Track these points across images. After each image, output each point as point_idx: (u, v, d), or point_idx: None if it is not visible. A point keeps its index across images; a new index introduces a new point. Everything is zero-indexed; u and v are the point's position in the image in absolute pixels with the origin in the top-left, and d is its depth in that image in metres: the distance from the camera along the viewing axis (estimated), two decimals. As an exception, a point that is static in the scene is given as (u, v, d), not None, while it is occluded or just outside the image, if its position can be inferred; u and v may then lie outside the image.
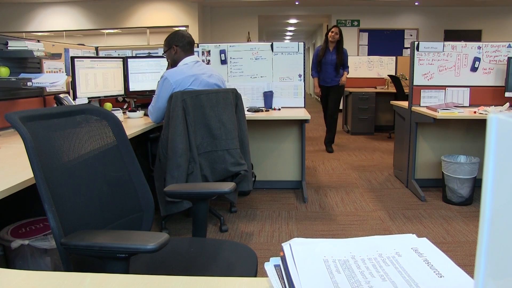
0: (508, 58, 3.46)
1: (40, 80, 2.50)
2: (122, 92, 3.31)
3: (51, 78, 2.60)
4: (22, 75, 2.52)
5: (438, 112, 3.18)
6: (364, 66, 7.16)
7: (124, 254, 0.94)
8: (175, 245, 1.36)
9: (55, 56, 2.76)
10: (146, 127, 2.65)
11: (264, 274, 0.67)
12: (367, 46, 10.11)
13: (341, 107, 8.63)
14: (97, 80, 3.05)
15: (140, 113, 3.10)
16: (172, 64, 2.71)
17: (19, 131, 1.01)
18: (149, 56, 3.75)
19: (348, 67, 5.29)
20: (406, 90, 5.45)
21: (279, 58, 3.80)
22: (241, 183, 2.64)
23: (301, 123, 3.58)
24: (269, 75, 3.81)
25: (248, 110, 3.39)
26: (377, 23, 10.01)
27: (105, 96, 3.15)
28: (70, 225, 1.08)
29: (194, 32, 8.88)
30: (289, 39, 18.36)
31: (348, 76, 5.30)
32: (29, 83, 2.37)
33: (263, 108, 3.63)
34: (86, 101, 2.90)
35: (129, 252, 0.95)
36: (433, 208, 3.28)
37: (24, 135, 1.00)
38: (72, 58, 2.88)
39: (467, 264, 2.35)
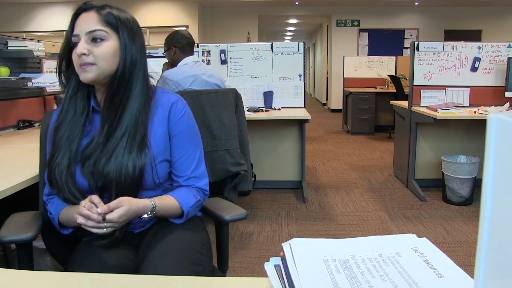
0: (508, 58, 3.45)
1: (40, 80, 2.50)
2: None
3: (51, 78, 2.60)
4: (22, 75, 2.52)
5: (438, 112, 3.18)
6: (364, 66, 7.15)
7: None
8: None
9: (55, 56, 2.76)
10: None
11: (264, 274, 0.67)
12: (367, 46, 10.09)
13: (340, 107, 7.90)
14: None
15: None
16: (172, 64, 2.71)
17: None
18: (149, 56, 3.75)
19: None
20: (406, 90, 5.45)
21: (279, 58, 3.80)
22: (241, 183, 2.63)
23: (301, 123, 3.58)
24: (269, 75, 3.81)
25: (248, 110, 3.39)
26: (377, 23, 9.99)
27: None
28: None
29: (194, 32, 8.88)
30: (289, 39, 18.33)
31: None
32: (29, 83, 2.37)
33: (263, 108, 3.63)
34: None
35: None
36: (433, 208, 3.28)
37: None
38: (72, 58, 2.87)
39: (467, 264, 2.35)
